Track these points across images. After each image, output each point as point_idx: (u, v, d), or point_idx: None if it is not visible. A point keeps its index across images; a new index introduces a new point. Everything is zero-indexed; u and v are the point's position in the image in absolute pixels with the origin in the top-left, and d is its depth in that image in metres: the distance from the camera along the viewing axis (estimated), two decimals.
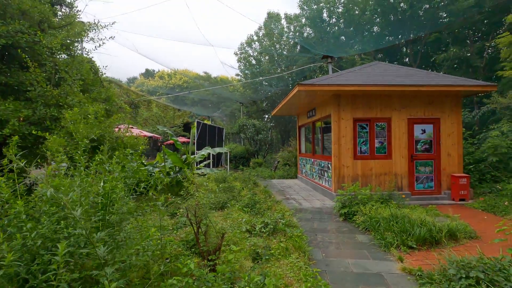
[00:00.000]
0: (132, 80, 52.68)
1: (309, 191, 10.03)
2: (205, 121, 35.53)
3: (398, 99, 8.22)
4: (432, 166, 8.26)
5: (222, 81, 44.04)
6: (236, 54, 25.77)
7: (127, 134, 7.66)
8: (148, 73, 52.60)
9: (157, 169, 7.60)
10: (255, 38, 26.02)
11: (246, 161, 20.47)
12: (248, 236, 4.73)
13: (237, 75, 26.57)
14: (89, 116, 5.31)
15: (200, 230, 3.59)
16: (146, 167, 8.03)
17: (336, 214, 6.58)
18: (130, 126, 14.49)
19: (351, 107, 8.15)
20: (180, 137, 29.38)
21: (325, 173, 8.98)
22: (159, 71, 50.10)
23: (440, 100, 8.27)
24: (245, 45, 25.38)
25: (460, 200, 7.86)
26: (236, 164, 21.10)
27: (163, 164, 7.61)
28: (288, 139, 15.67)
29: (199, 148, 15.85)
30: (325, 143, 9.31)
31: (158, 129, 8.03)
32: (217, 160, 20.96)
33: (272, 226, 4.85)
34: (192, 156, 8.41)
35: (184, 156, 8.64)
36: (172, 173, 8.13)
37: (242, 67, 26.13)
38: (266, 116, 31.97)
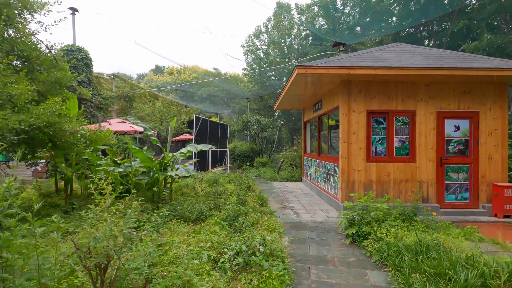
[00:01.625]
0: (142, 76, 52.33)
1: (312, 197, 8.48)
2: (212, 118, 34.48)
3: (425, 87, 6.54)
4: (468, 173, 6.54)
5: (233, 78, 42.83)
6: (243, 46, 24.32)
7: (91, 127, 6.39)
8: (158, 69, 52.08)
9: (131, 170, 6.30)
10: (263, 29, 24.49)
11: (251, 160, 19.06)
12: (208, 270, 3.29)
13: (244, 69, 25.20)
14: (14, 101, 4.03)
15: (102, 278, 2.18)
16: (119, 167, 6.74)
17: (342, 233, 5.04)
18: (122, 120, 13.30)
19: (364, 96, 6.55)
20: (185, 134, 28.29)
21: (332, 178, 7.42)
22: (168, 67, 49.45)
23: (480, 88, 6.53)
24: (252, 37, 23.90)
25: (505, 216, 6.13)
26: (240, 163, 19.74)
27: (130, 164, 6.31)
28: (298, 137, 14.11)
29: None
30: (332, 141, 7.74)
31: (137, 123, 6.77)
32: (220, 159, 19.67)
33: (242, 260, 3.37)
34: (171, 154, 7.05)
35: (161, 156, 7.28)
36: (150, 174, 6.81)
37: (249, 61, 24.69)
38: (276, 113, 30.44)
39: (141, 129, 12.98)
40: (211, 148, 7.84)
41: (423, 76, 6.14)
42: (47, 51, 5.96)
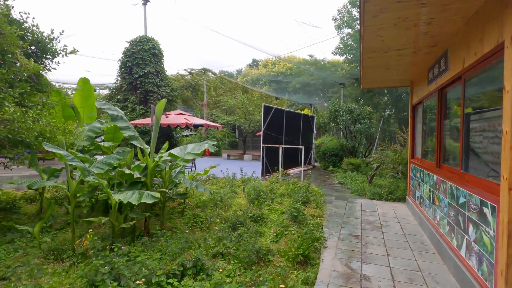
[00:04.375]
0: (239, 72, 53.42)
1: (420, 251, 4.26)
2: (305, 111, 31.37)
3: None
4: None
5: (332, 65, 38.00)
6: (335, 19, 19.74)
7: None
8: (254, 63, 52.02)
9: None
10: None
11: (339, 161, 14.93)
12: None
13: (337, 48, 20.54)
14: None
15: None
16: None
17: None
18: (180, 112, 11.86)
19: None
20: None
21: (470, 229, 3.14)
22: (262, 60, 48.68)
23: None
24: (348, 6, 19.02)
25: None
26: (326, 164, 15.87)
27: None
28: (404, 130, 9.30)
29: (266, 141, 11.78)
30: (473, 138, 3.39)
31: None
32: (305, 157, 16.31)
33: None
34: (157, 158, 4.38)
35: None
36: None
37: (343, 36, 19.88)
38: (385, 99, 24.06)
39: (196, 122, 11.17)
40: (206, 147, 4.72)
41: None
42: None
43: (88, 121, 7.03)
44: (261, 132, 11.80)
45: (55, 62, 5.88)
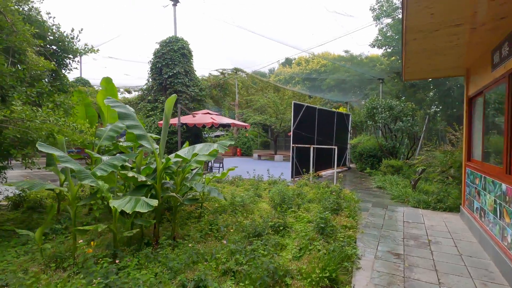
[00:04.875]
0: (272, 71, 52.82)
1: (484, 282, 3.34)
2: (340, 109, 29.95)
3: None
4: None
5: (370, 60, 35.84)
6: (372, 9, 18.16)
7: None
8: (287, 62, 51.07)
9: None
10: None
11: (378, 162, 13.70)
12: None
13: (375, 40, 18.91)
14: None
15: None
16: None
17: None
18: (207, 111, 11.67)
19: None
20: None
21: None
22: (295, 58, 47.59)
23: None
24: None
25: None
26: (362, 165, 14.70)
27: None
28: (458, 127, 7.95)
29: (297, 141, 11.12)
30: None
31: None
32: (339, 158, 15.32)
33: None
34: (164, 160, 3.98)
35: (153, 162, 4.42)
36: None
37: (382, 27, 18.28)
38: (430, 94, 21.76)
39: (223, 122, 10.84)
40: (215, 147, 4.18)
41: None
42: None
43: (112, 121, 6.95)
44: (291, 131, 11.13)
45: (76, 61, 5.84)
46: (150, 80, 13.65)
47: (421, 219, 5.80)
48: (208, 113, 11.56)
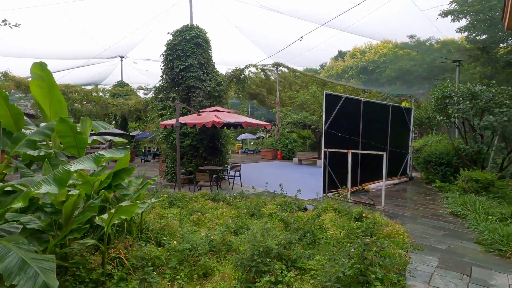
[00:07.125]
0: (323, 66, 48.62)
1: None
2: (403, 103, 25.47)
3: None
4: None
5: (443, 45, 29.66)
6: None
7: None
8: (340, 55, 46.34)
9: None
10: None
11: (453, 173, 9.87)
12: None
13: (448, 11, 14.22)
14: None
15: None
16: None
17: None
18: (216, 108, 9.64)
19: None
20: None
21: None
22: (349, 51, 42.80)
23: None
24: None
25: None
26: (429, 175, 10.93)
27: None
28: None
29: (330, 144, 8.28)
30: None
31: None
32: (396, 165, 11.72)
33: None
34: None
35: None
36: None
37: None
38: None
39: (230, 121, 8.56)
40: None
41: None
42: None
43: (56, 118, 5.29)
44: (323, 131, 8.30)
45: None
46: (164, 76, 12.14)
47: None
48: (217, 110, 9.42)
